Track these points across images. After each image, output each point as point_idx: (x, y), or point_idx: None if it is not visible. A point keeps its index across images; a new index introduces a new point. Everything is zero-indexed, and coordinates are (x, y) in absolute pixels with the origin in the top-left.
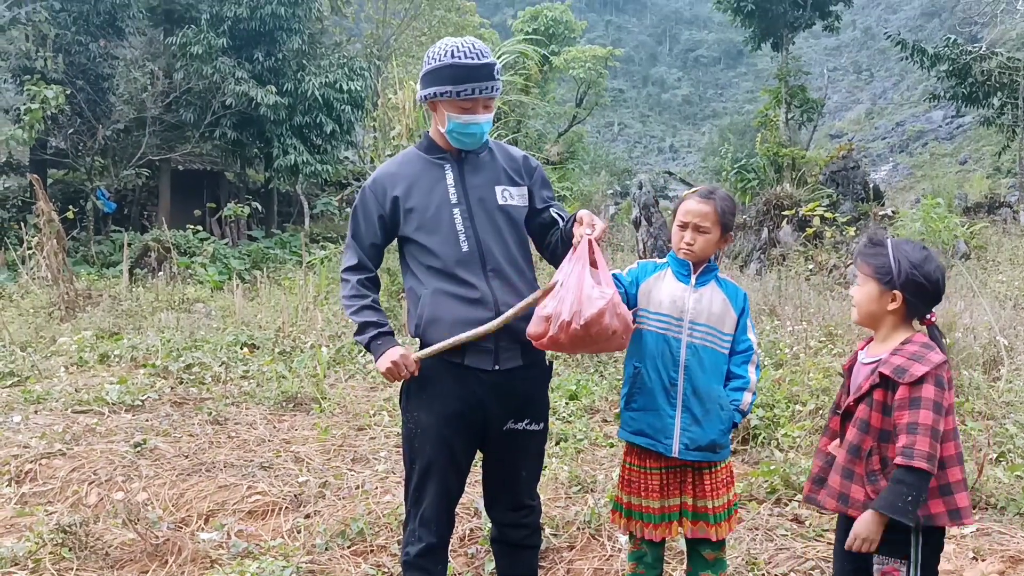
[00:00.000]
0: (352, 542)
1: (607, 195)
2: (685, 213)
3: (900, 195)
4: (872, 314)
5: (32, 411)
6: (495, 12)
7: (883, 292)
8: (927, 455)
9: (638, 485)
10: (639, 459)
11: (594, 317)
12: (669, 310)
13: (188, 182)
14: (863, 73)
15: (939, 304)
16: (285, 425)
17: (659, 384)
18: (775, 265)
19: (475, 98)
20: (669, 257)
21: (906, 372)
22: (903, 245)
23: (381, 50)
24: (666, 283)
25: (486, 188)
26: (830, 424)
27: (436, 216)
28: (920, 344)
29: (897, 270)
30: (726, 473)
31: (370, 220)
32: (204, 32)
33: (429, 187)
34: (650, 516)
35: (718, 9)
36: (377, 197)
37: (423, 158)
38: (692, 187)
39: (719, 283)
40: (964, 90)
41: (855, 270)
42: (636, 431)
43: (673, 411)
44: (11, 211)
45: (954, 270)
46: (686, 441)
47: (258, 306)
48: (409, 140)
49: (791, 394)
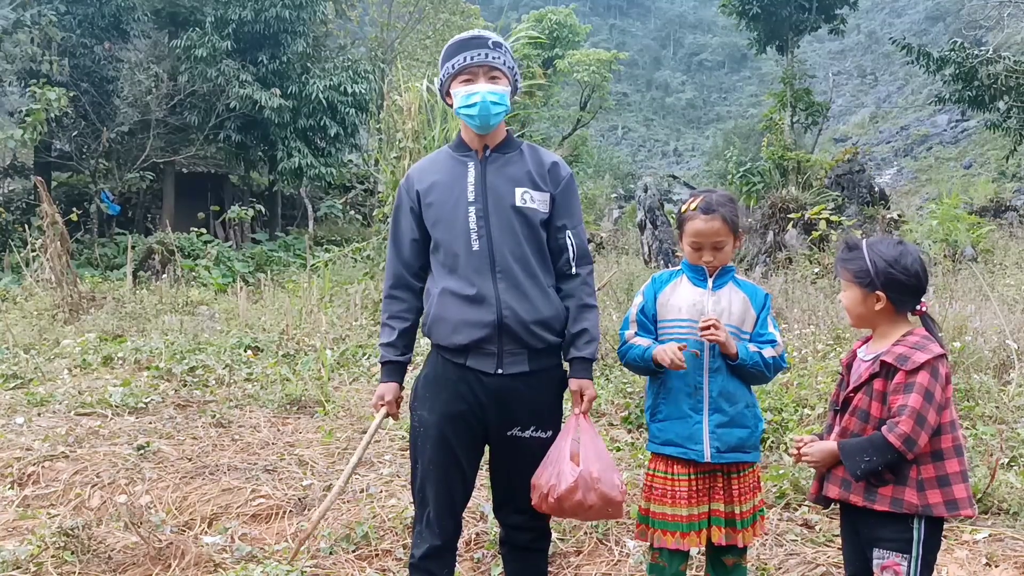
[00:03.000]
0: (357, 546)
1: (611, 199)
2: (695, 235)
3: (905, 199)
4: (862, 316)
5: (35, 413)
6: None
7: (866, 295)
8: (905, 436)
9: (662, 492)
10: (666, 465)
11: (564, 494)
12: (689, 314)
13: (192, 185)
14: (868, 77)
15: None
16: (289, 428)
17: (683, 391)
18: (781, 269)
19: (469, 66)
20: (683, 263)
21: (908, 360)
22: (877, 245)
23: (385, 53)
24: (682, 289)
25: (506, 188)
26: (831, 423)
27: (452, 213)
28: (921, 336)
29: (874, 271)
30: (753, 478)
31: (406, 215)
32: (208, 35)
33: (450, 184)
34: (677, 525)
35: (723, 13)
36: (408, 192)
37: (451, 155)
38: (694, 190)
39: (737, 283)
40: (970, 93)
41: (840, 275)
42: (665, 442)
43: (700, 415)
44: (15, 213)
45: (963, 273)
46: (717, 444)
47: (262, 309)
48: (414, 143)
49: (799, 398)
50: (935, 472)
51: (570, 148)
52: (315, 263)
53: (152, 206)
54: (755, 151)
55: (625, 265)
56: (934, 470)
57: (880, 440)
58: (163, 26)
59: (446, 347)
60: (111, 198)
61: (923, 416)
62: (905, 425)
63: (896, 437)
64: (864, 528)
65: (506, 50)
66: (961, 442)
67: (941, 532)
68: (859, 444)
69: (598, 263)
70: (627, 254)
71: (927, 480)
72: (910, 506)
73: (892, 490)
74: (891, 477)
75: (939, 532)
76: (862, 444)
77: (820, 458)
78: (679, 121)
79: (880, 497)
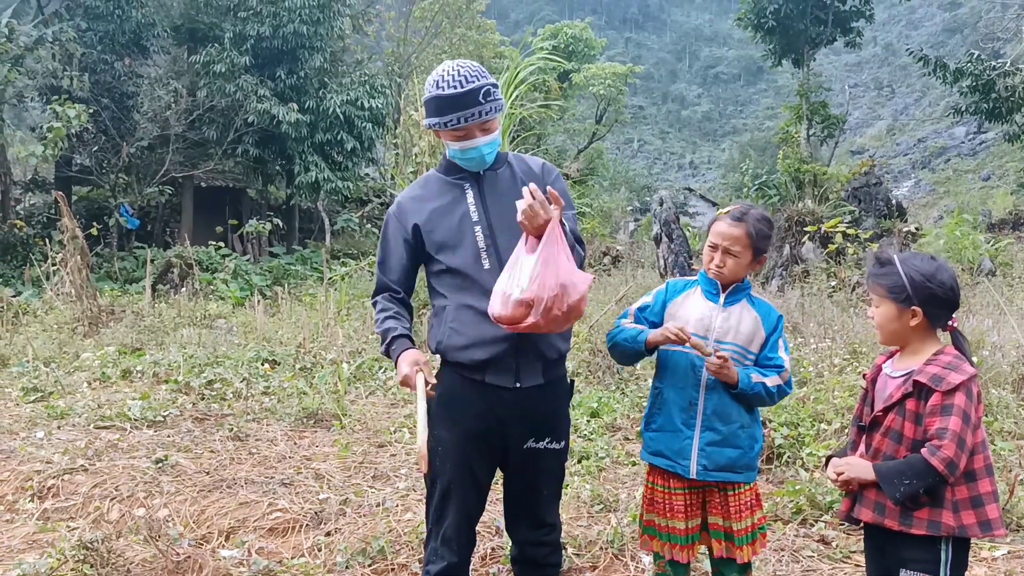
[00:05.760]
0: (373, 560)
1: (627, 211)
2: (716, 235)
3: (923, 211)
4: (895, 332)
5: (55, 426)
6: (515, 30)
7: (901, 310)
8: (948, 460)
9: (662, 505)
10: (663, 479)
11: (576, 302)
12: (695, 328)
13: (210, 199)
14: (884, 89)
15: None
16: (306, 442)
17: (678, 405)
18: (797, 282)
19: (463, 126)
20: (700, 275)
21: (943, 380)
22: (911, 260)
23: (402, 68)
24: (694, 301)
25: (506, 204)
26: (854, 439)
27: (459, 236)
28: (953, 355)
29: (911, 286)
30: (750, 496)
31: (397, 244)
32: (227, 51)
33: (450, 208)
34: (676, 537)
35: (738, 26)
36: (401, 221)
37: (443, 180)
38: (716, 204)
39: (751, 302)
40: (987, 105)
41: (870, 291)
42: (655, 452)
43: (691, 431)
44: (36, 227)
45: (980, 287)
46: (704, 462)
47: (279, 322)
48: (431, 157)
49: (816, 412)
50: (968, 493)
51: (586, 161)
52: (332, 276)
53: (171, 220)
54: (771, 164)
55: (641, 278)
56: (967, 491)
57: (921, 464)
58: (182, 42)
59: (463, 364)
60: (130, 212)
61: (963, 439)
62: (948, 450)
63: (940, 461)
64: (892, 549)
65: (492, 91)
66: (991, 461)
67: (968, 552)
68: (897, 468)
69: (614, 276)
70: (643, 267)
71: (961, 501)
72: (947, 528)
73: (928, 513)
74: (927, 500)
75: (966, 552)
76: (900, 468)
77: (853, 474)
78: (695, 134)
79: (917, 521)
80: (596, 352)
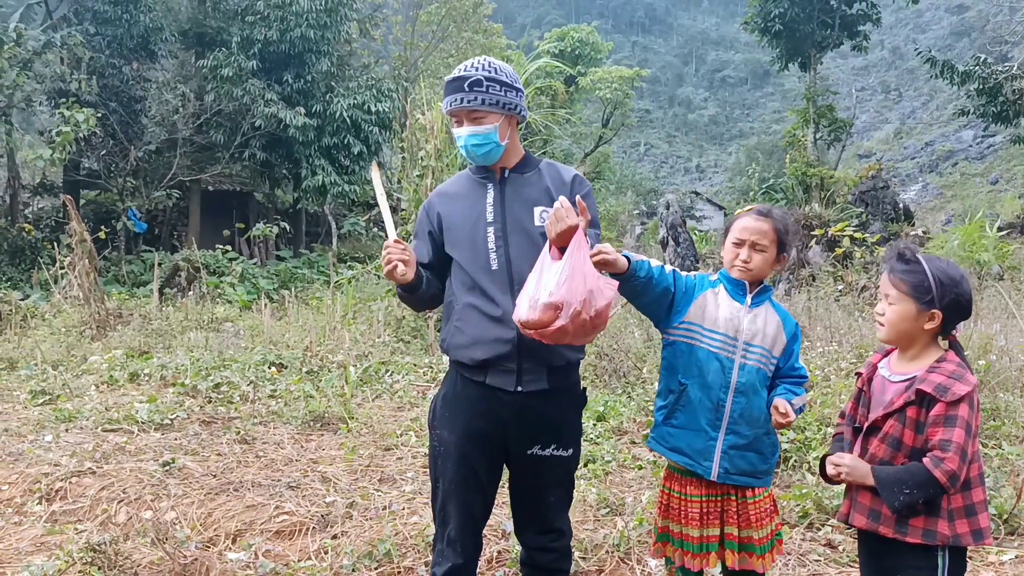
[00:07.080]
0: (379, 563)
1: (633, 215)
2: (741, 230)
3: (930, 215)
4: (905, 333)
5: (63, 429)
6: (521, 34)
7: (921, 311)
8: (952, 473)
9: (677, 512)
10: (680, 485)
11: (603, 308)
12: (725, 329)
13: (218, 203)
14: (892, 93)
15: (968, 321)
16: (312, 445)
17: (705, 404)
18: (804, 286)
19: (451, 110)
20: (721, 275)
21: (948, 391)
22: (937, 263)
23: (409, 72)
24: (721, 301)
25: (523, 209)
26: (850, 439)
27: (472, 234)
28: (956, 364)
29: (939, 290)
30: (769, 502)
31: (423, 236)
32: (235, 55)
33: (470, 205)
34: (689, 545)
35: (745, 30)
36: (428, 214)
37: (471, 178)
38: (723, 208)
39: (774, 305)
40: (994, 109)
41: (885, 286)
42: (673, 448)
43: (716, 433)
44: (44, 231)
45: (988, 291)
46: (726, 465)
47: (286, 325)
48: (437, 161)
49: (822, 416)
50: (963, 502)
51: (592, 165)
52: (338, 280)
53: (178, 224)
54: (778, 167)
55: None
56: (962, 499)
57: (923, 475)
58: (190, 46)
59: (465, 364)
60: (138, 216)
61: (966, 451)
62: (952, 463)
63: (943, 474)
64: (887, 558)
65: (489, 86)
66: (984, 469)
67: (965, 560)
68: (897, 475)
69: None
70: None
71: (956, 510)
72: (942, 538)
73: (924, 521)
74: (923, 508)
75: (964, 560)
76: (900, 475)
77: (853, 474)
78: (701, 137)
79: (912, 529)
80: (602, 356)
